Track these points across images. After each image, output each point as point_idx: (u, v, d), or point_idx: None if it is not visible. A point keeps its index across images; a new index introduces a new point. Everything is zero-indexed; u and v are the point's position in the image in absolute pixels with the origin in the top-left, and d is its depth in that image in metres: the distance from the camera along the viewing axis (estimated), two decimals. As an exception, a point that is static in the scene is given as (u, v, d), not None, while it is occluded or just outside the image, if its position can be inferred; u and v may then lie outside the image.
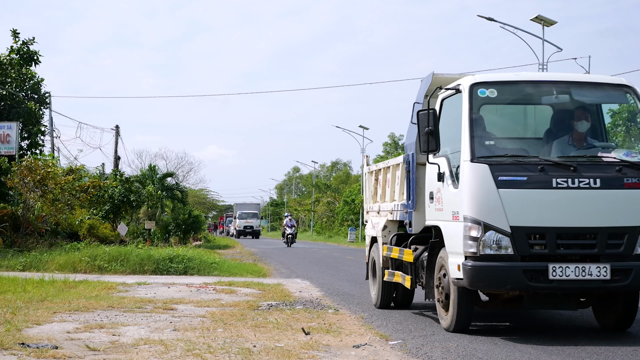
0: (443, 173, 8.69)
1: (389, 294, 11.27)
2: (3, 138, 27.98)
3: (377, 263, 11.42)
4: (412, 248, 9.89)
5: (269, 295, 12.87)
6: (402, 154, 11.35)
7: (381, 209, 11.70)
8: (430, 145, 8.49)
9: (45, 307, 10.37)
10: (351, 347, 7.79)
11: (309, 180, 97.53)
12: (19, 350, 7.14)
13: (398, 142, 75.02)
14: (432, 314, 10.54)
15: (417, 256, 9.63)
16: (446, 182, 8.64)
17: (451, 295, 8.60)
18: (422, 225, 9.71)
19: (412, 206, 9.93)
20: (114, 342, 7.75)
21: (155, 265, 17.95)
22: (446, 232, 8.65)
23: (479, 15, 29.28)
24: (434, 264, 9.13)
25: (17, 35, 31.06)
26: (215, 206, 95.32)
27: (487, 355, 7.48)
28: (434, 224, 9.06)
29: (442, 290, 8.84)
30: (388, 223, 11.17)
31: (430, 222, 9.23)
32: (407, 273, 9.96)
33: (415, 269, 9.72)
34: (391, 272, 10.68)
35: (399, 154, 49.32)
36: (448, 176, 8.59)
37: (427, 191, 9.28)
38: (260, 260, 25.06)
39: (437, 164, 8.72)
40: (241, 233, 66.18)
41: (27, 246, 21.62)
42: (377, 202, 12.14)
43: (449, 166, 8.61)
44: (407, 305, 11.46)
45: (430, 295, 9.28)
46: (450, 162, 8.61)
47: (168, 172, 45.80)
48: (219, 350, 7.37)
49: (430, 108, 8.62)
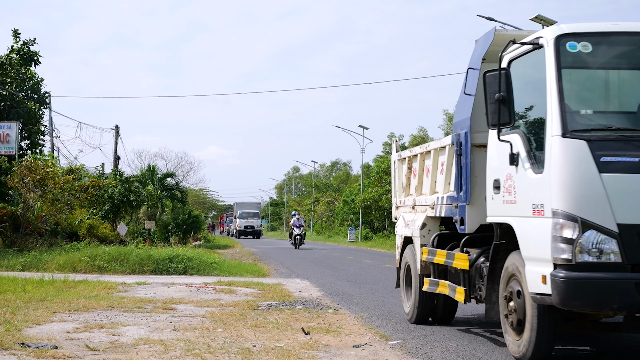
0: (517, 154, 6.80)
1: (427, 306, 9.56)
2: (3, 138, 27.96)
3: (413, 269, 9.67)
4: (465, 252, 8.10)
5: (269, 295, 12.86)
6: None
7: (417, 204, 9.92)
8: (503, 117, 6.70)
9: (45, 307, 10.36)
10: (351, 347, 7.79)
11: (308, 180, 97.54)
12: (19, 350, 7.13)
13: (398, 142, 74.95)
14: (484, 331, 9.05)
15: (472, 262, 7.89)
16: (522, 165, 6.75)
17: (527, 315, 6.73)
18: (478, 223, 8.08)
19: (464, 199, 8.22)
20: (114, 342, 7.75)
21: (155, 265, 17.95)
22: (522, 232, 6.75)
23: (478, 15, 29.35)
24: (498, 273, 7.31)
25: (18, 35, 31.07)
26: (215, 206, 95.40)
27: (487, 355, 7.48)
28: (501, 221, 7.18)
29: (512, 308, 6.98)
30: (428, 220, 9.44)
31: (495, 218, 7.35)
32: (459, 283, 8.20)
33: (470, 279, 7.98)
34: (434, 280, 8.96)
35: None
36: (525, 157, 6.72)
37: (490, 179, 7.41)
38: (260, 260, 25.05)
39: (509, 142, 6.85)
40: (242, 233, 65.16)
41: (26, 246, 21.62)
42: (410, 195, 10.38)
43: (527, 144, 6.76)
44: (450, 319, 9.78)
45: (492, 312, 7.42)
46: (528, 139, 6.78)
47: (168, 172, 45.88)
48: (219, 350, 7.37)
49: (502, 68, 6.83)
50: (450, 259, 8.33)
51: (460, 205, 8.33)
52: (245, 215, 66.49)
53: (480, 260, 7.82)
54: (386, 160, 50.00)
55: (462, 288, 8.03)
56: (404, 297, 10.30)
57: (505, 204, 7.06)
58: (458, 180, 8.41)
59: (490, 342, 8.23)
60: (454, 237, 8.76)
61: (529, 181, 6.66)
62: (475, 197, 8.09)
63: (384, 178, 46.72)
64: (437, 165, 9.27)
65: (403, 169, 10.82)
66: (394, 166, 11.35)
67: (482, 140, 7.91)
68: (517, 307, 6.89)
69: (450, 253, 8.39)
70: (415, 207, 9.99)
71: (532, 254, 6.60)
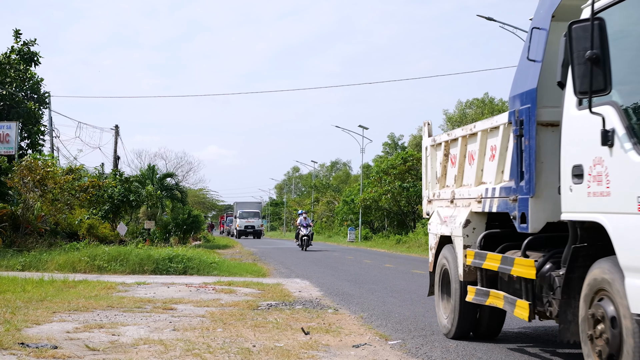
0: (612, 131, 5.24)
1: (470, 319, 8.23)
2: (2, 138, 27.97)
3: (453, 274, 8.30)
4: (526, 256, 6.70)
5: (269, 295, 12.86)
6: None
7: (458, 197, 8.50)
8: (596, 81, 5.20)
9: (44, 307, 10.36)
10: (351, 347, 7.78)
11: (308, 180, 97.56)
12: (19, 350, 7.13)
13: (398, 142, 75.07)
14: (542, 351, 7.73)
15: (539, 268, 6.39)
16: (620, 145, 5.18)
17: (625, 344, 5.06)
18: (544, 220, 6.67)
19: (526, 190, 6.75)
20: (114, 342, 7.74)
21: (154, 265, 17.95)
22: (619, 233, 5.15)
23: (478, 15, 29.29)
24: (577, 285, 5.79)
25: (19, 35, 31.07)
26: (214, 206, 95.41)
27: (487, 355, 7.48)
28: (585, 219, 5.67)
29: (602, 332, 5.37)
30: (472, 217, 8.00)
31: (574, 214, 5.81)
32: (520, 295, 6.77)
33: (534, 290, 6.52)
34: (482, 290, 7.55)
35: (398, 154, 49.64)
36: (624, 136, 5.14)
37: (567, 165, 5.88)
38: (260, 260, 25.05)
39: (601, 116, 5.31)
40: (242, 233, 64.45)
41: (26, 246, 21.62)
42: (447, 187, 9.02)
43: (626, 118, 5.21)
44: (496, 334, 8.49)
45: (569, 333, 5.94)
46: (628, 112, 5.23)
47: (168, 172, 45.91)
48: (219, 350, 7.37)
49: (595, 17, 5.24)
50: (507, 265, 6.87)
51: (521, 198, 6.84)
52: (245, 215, 65.77)
53: (546, 267, 6.32)
54: (386, 160, 50.02)
55: (526, 302, 6.52)
56: (439, 307, 8.89)
57: (592, 197, 5.51)
58: (517, 167, 6.94)
59: (490, 342, 8.23)
60: (503, 237, 7.46)
61: (632, 166, 5.07)
62: (542, 188, 6.63)
63: (383, 178, 46.74)
64: (486, 150, 7.86)
65: (437, 156, 9.41)
66: (426, 153, 9.92)
67: (551, 117, 6.51)
68: (608, 335, 5.27)
69: (508, 257, 6.92)
70: (455, 201, 8.57)
71: (634, 262, 4.95)
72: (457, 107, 61.92)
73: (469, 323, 8.27)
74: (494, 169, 7.54)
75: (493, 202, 7.46)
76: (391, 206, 46.85)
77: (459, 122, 60.09)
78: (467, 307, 8.08)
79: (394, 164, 46.02)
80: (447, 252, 8.58)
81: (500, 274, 7.26)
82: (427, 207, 9.79)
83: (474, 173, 8.11)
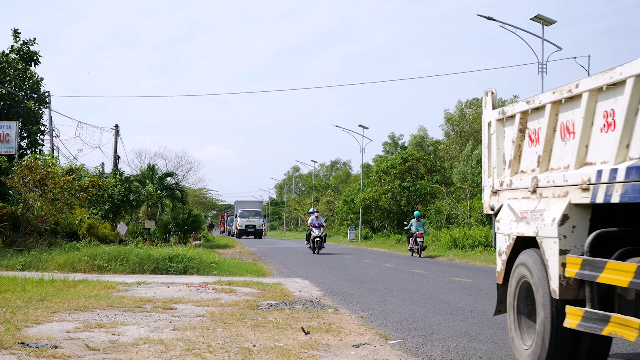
0: None
1: (564, 351, 6.19)
2: (2, 137, 27.97)
3: (541, 289, 6.27)
4: None
5: (269, 294, 12.86)
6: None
7: (545, 184, 6.47)
8: None
9: (44, 307, 10.35)
10: (351, 347, 7.78)
11: (308, 180, 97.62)
12: (19, 349, 7.13)
13: (398, 141, 75.08)
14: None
15: None
16: None
17: None
18: None
19: None
20: (114, 342, 7.74)
21: (154, 264, 17.94)
22: None
23: (478, 15, 29.22)
24: None
25: (18, 35, 31.06)
26: (215, 205, 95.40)
27: (487, 354, 7.48)
28: None
29: None
30: (572, 211, 5.94)
31: None
32: None
33: None
34: (594, 314, 5.47)
35: (398, 154, 49.63)
36: None
37: None
38: (260, 259, 25.05)
39: None
40: (243, 233, 63.48)
41: (26, 246, 21.62)
42: (524, 173, 7.09)
43: None
44: None
45: None
46: None
47: (168, 171, 45.89)
48: (219, 350, 7.36)
49: None
50: None
51: None
52: (246, 214, 64.85)
53: None
54: (385, 160, 50.04)
55: None
56: (516, 333, 6.90)
57: None
58: None
59: (490, 342, 8.22)
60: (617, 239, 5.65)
61: None
62: None
63: (383, 178, 46.75)
64: (594, 117, 5.84)
65: (507, 133, 7.56)
66: (489, 130, 7.96)
67: None
68: None
69: None
70: (540, 190, 6.56)
71: None
72: (457, 106, 61.96)
73: (564, 356, 6.22)
74: (615, 142, 5.43)
75: (612, 189, 5.35)
76: (391, 206, 46.87)
77: (459, 122, 60.14)
78: (563, 334, 6.09)
79: (393, 163, 46.06)
80: (527, 259, 6.57)
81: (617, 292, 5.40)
82: (492, 199, 7.75)
83: (573, 151, 6.04)
